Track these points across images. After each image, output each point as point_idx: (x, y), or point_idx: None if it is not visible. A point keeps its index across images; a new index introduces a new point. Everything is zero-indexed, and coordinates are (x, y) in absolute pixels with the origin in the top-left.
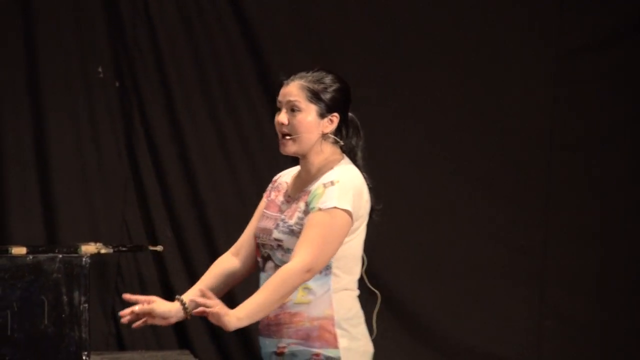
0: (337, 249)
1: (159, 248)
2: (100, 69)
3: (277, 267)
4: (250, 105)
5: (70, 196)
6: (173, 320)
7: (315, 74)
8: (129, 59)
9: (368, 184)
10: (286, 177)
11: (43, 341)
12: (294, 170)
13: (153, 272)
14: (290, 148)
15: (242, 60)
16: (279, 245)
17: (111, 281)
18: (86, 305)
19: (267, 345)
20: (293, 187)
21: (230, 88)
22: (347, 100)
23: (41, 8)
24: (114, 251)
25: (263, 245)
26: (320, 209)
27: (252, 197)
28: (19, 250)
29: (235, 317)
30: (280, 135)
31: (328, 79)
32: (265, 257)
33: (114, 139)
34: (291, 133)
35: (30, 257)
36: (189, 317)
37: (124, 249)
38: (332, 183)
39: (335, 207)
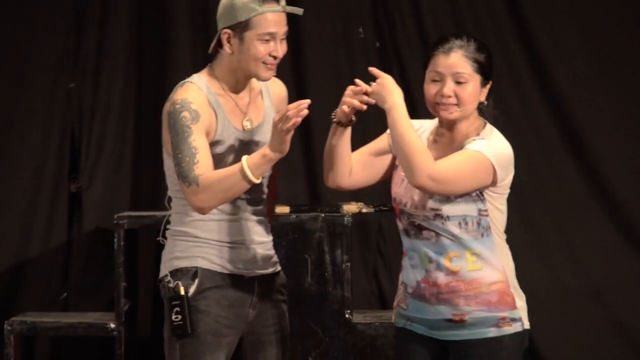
0: (466, 189)
1: None
2: (361, 30)
3: (438, 235)
4: (512, 65)
5: None
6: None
7: (473, 43)
8: (389, 19)
9: None
10: (421, 131)
11: (307, 299)
12: (422, 128)
13: None
14: (453, 114)
15: (504, 27)
16: (437, 215)
17: (372, 240)
18: (348, 264)
19: (433, 312)
20: (434, 151)
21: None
22: (494, 68)
23: None
24: (375, 210)
25: (410, 214)
26: (466, 148)
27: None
28: (283, 210)
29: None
30: (441, 104)
31: (486, 48)
32: (416, 225)
33: None
34: (458, 104)
35: (294, 216)
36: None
37: (385, 208)
38: (482, 138)
39: (481, 153)
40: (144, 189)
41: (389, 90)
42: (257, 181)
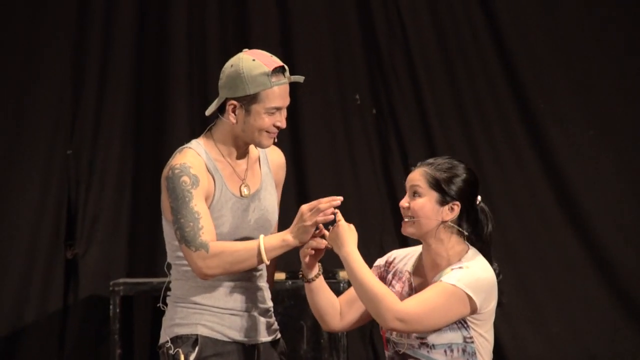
0: (439, 324)
1: None
2: (357, 97)
3: None
4: (506, 127)
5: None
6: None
7: (442, 162)
8: (386, 86)
9: (497, 275)
10: (404, 262)
11: None
12: (409, 254)
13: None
14: (408, 229)
15: (499, 83)
16: (422, 344)
17: None
18: (344, 331)
19: None
20: (419, 277)
21: (486, 111)
22: (472, 191)
23: (300, 37)
24: None
25: (396, 343)
26: (441, 281)
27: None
28: (279, 276)
29: (350, 248)
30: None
31: (453, 169)
32: (400, 354)
33: (371, 165)
34: (412, 216)
35: (290, 282)
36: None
37: None
38: (460, 268)
39: (454, 285)
40: (140, 255)
41: (343, 239)
42: (268, 262)
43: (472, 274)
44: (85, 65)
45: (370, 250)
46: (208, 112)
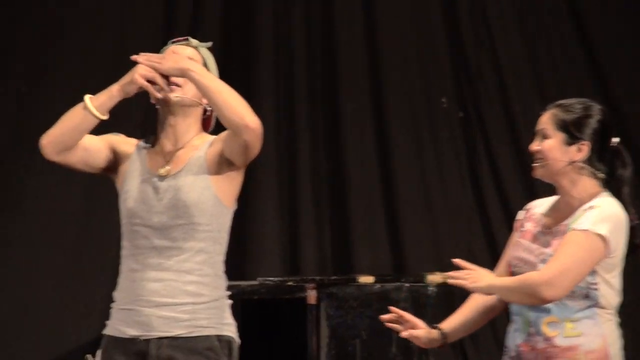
0: (584, 273)
1: None
2: (444, 99)
3: None
4: None
5: (416, 226)
6: (427, 345)
7: (572, 102)
8: (473, 89)
9: (633, 221)
10: (540, 207)
11: None
12: (548, 201)
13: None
14: (537, 172)
15: (586, 89)
16: None
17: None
18: None
19: None
20: (551, 218)
21: None
22: (603, 131)
23: (386, 41)
24: None
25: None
26: (574, 229)
27: None
28: (367, 279)
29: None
30: None
31: (580, 108)
32: None
33: (458, 169)
34: (541, 158)
35: (378, 285)
36: (442, 346)
37: None
38: (591, 207)
39: (588, 230)
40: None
41: (477, 278)
42: (95, 111)
43: (602, 214)
44: None
45: (458, 256)
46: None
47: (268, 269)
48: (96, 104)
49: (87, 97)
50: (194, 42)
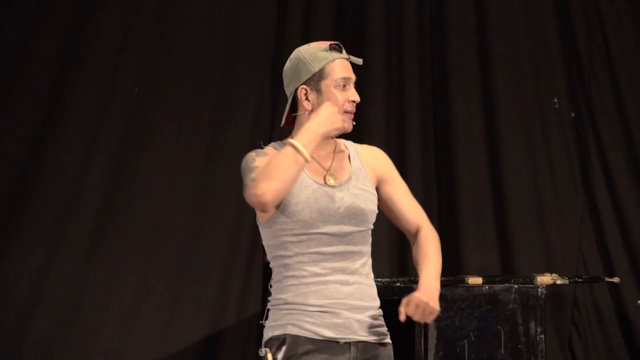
0: None
1: (616, 280)
2: (555, 100)
3: None
4: None
5: (526, 227)
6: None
7: None
8: (585, 89)
9: None
10: None
11: None
12: None
13: (609, 303)
14: None
15: None
16: None
17: (567, 313)
18: (542, 336)
19: None
20: None
21: None
22: None
23: (498, 41)
24: (569, 282)
25: None
26: None
27: None
28: (475, 280)
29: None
30: None
31: None
32: None
33: (569, 170)
34: None
35: (487, 287)
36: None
37: (580, 280)
38: None
39: None
40: None
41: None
42: (309, 157)
43: None
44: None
45: (568, 255)
46: (283, 124)
47: (376, 270)
48: (308, 150)
49: (297, 143)
50: (352, 58)
